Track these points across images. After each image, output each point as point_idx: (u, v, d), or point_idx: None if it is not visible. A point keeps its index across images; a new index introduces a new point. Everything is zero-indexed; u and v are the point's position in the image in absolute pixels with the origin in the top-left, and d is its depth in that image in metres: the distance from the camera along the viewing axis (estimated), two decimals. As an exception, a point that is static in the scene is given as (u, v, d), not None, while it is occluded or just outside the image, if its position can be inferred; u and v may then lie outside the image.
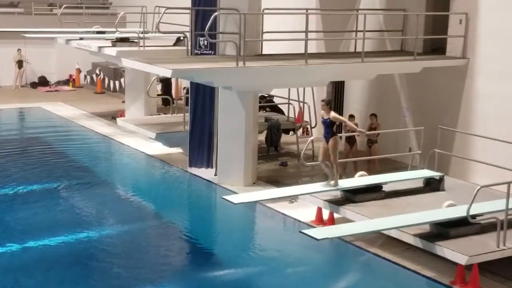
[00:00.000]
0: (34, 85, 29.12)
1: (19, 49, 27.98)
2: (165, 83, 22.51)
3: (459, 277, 9.88)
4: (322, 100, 12.72)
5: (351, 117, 16.08)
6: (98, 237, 12.24)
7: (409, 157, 14.49)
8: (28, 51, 27.92)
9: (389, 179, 12.58)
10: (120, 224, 13.05)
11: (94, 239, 12.14)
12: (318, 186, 12.30)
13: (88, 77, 30.08)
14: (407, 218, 10.45)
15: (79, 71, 29.90)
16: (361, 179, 12.46)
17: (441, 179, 12.74)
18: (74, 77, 29.95)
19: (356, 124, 15.85)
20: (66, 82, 29.93)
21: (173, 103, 20.65)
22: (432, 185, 12.75)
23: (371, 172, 13.72)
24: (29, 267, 10.75)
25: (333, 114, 12.17)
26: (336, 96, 19.53)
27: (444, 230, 10.23)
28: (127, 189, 15.56)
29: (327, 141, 12.00)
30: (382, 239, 11.46)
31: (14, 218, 13.19)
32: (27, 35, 23.96)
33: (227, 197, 11.79)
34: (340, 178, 12.42)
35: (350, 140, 15.74)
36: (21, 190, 14.67)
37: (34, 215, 13.22)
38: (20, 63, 28.23)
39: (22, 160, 17.54)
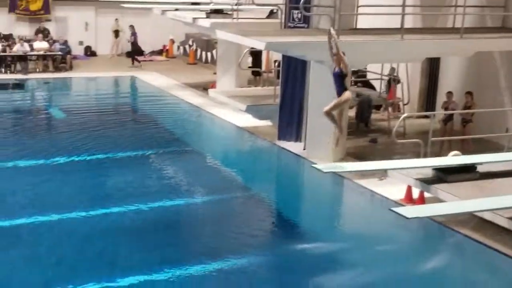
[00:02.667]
0: (129, 54, 29.73)
1: (116, 19, 28.59)
2: (255, 55, 22.55)
3: (555, 264, 9.52)
4: (335, 54, 11.31)
5: (449, 93, 15.71)
6: (187, 205, 12.44)
7: (506, 138, 14.00)
8: (125, 21, 28.48)
9: (483, 160, 12.17)
10: (208, 193, 13.19)
11: (183, 207, 12.35)
12: (408, 162, 12.04)
13: (181, 48, 30.47)
14: (502, 201, 10.06)
15: (172, 41, 30.31)
16: (454, 159, 12.11)
17: (539, 162, 12.24)
18: (167, 47, 30.39)
19: (453, 102, 15.53)
20: (160, 53, 30.41)
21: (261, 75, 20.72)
22: (529, 168, 12.28)
23: (465, 152, 13.33)
24: (118, 231, 11.04)
25: (345, 60, 11.07)
26: (431, 72, 19.07)
27: (541, 214, 9.85)
28: (216, 159, 15.71)
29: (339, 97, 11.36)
30: (474, 221, 11.13)
31: (107, 184, 13.58)
32: (124, 5, 24.46)
33: (316, 166, 11.62)
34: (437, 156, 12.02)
35: (445, 119, 15.38)
36: (113, 157, 15.05)
37: (126, 182, 13.50)
38: (116, 33, 28.84)
39: (115, 127, 17.97)
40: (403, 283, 9.56)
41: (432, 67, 19.00)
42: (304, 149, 15.27)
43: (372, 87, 19.21)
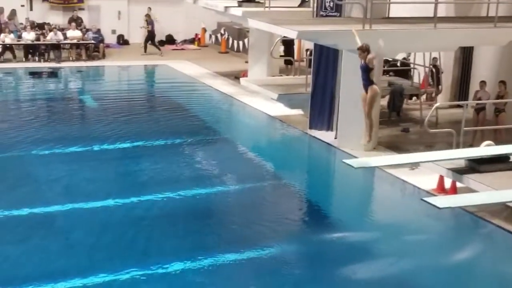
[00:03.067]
0: (161, 43, 29.88)
1: (149, 7, 28.71)
2: (287, 44, 22.52)
3: None
4: (359, 48, 11.97)
5: (482, 82, 15.53)
6: (218, 194, 12.50)
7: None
8: (157, 9, 28.61)
9: (517, 150, 12.03)
10: (238, 182, 13.25)
11: (214, 195, 12.42)
12: (441, 154, 11.94)
13: (213, 36, 30.54)
14: (535, 191, 9.98)
15: (204, 30, 30.39)
16: (487, 149, 11.98)
17: None
18: (199, 36, 30.48)
19: (486, 92, 15.36)
20: (191, 41, 30.52)
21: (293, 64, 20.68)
22: None
23: (498, 141, 13.18)
24: (149, 219, 11.13)
25: (370, 56, 11.45)
26: (464, 61, 18.87)
27: None
28: (247, 148, 15.74)
29: (366, 90, 11.28)
30: (507, 211, 11.04)
31: (139, 171, 13.69)
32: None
33: (347, 161, 11.58)
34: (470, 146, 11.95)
35: (478, 109, 15.22)
36: (146, 145, 15.17)
37: (157, 170, 13.63)
38: (149, 21, 29.00)
39: (147, 116, 18.12)
40: (434, 273, 9.51)
41: (465, 56, 18.80)
42: (335, 138, 15.25)
43: (404, 76, 19.06)
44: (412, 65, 18.52)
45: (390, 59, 19.25)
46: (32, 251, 9.76)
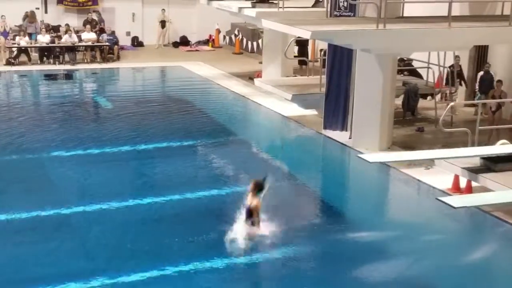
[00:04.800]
0: (176, 44, 29.99)
1: (163, 9, 28.83)
2: (301, 44, 22.53)
3: None
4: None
5: (499, 82, 15.51)
6: (232, 194, 12.49)
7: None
8: (171, 11, 28.70)
9: (533, 149, 11.97)
10: (254, 182, 13.25)
11: (228, 196, 12.41)
12: (455, 152, 11.89)
13: (227, 37, 30.58)
14: (552, 190, 9.94)
15: (218, 31, 30.44)
16: (502, 148, 11.94)
17: None
18: (213, 37, 30.54)
19: (502, 92, 15.31)
20: (206, 42, 30.58)
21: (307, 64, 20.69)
22: None
23: (513, 141, 13.14)
24: (166, 219, 11.20)
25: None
26: (478, 61, 18.80)
27: None
28: (261, 149, 15.76)
29: None
30: (523, 210, 11.03)
31: (154, 173, 13.78)
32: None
33: (362, 156, 11.60)
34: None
35: (494, 108, 15.17)
36: (160, 146, 15.23)
37: (172, 171, 13.68)
38: (163, 23, 29.09)
39: (162, 117, 18.15)
40: (450, 273, 9.51)
41: (480, 55, 18.72)
42: (349, 138, 15.25)
43: (418, 75, 19.03)
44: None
45: (405, 58, 19.20)
46: (49, 252, 9.82)
